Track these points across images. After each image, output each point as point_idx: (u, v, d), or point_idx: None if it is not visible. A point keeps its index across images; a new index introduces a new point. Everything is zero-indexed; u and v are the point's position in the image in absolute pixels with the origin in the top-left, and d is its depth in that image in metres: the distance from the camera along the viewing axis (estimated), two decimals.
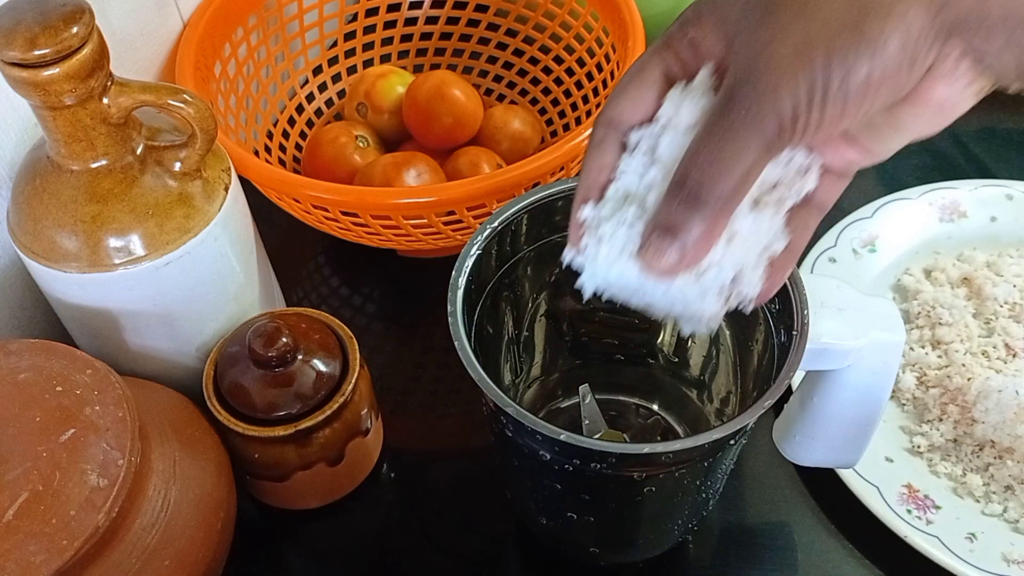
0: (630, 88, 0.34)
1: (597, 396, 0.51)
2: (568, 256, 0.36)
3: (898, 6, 0.28)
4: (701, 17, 0.33)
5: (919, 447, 0.54)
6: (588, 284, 0.35)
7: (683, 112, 0.33)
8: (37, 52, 0.39)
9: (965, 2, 0.28)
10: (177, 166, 0.46)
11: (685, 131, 0.33)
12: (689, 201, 0.31)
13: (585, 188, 0.35)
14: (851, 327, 0.41)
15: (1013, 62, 0.29)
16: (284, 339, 0.47)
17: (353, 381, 0.48)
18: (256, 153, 0.65)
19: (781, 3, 0.30)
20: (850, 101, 0.29)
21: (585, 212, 0.35)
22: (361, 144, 0.65)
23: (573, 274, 0.36)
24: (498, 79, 0.74)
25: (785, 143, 0.30)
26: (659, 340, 0.52)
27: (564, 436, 0.36)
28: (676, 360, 0.52)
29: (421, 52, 0.76)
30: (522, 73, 0.73)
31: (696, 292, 0.34)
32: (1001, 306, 0.59)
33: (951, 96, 0.30)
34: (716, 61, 0.33)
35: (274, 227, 0.61)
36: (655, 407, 0.54)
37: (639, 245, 0.33)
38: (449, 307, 0.40)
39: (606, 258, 0.34)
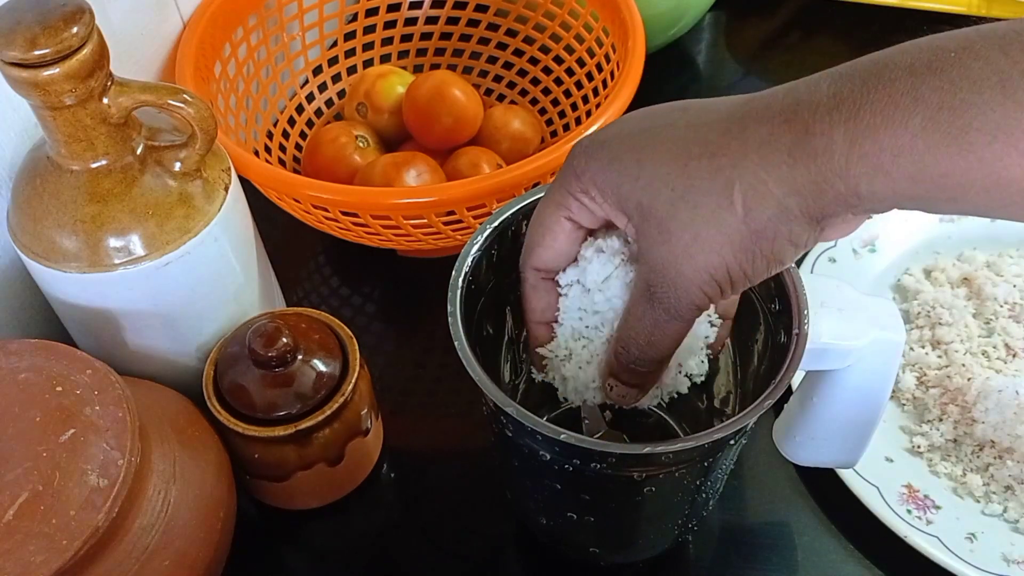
0: (546, 241, 0.39)
1: None
2: (539, 377, 0.43)
3: (780, 230, 0.33)
4: (596, 183, 0.36)
5: (919, 447, 0.54)
6: (567, 397, 0.43)
7: (611, 287, 0.39)
8: (37, 52, 0.39)
9: (840, 208, 0.32)
10: (177, 166, 0.46)
11: (613, 296, 0.39)
12: (636, 365, 0.38)
13: (536, 331, 0.42)
14: (851, 327, 0.41)
15: (887, 210, 0.33)
16: (284, 339, 0.47)
17: (353, 381, 0.48)
18: (256, 153, 0.65)
19: (675, 226, 0.34)
20: (755, 280, 0.35)
21: (543, 352, 0.42)
22: (361, 144, 0.65)
23: None
24: (498, 79, 0.74)
25: (704, 311, 0.37)
26: None
27: (564, 436, 0.36)
28: None
29: (421, 52, 0.76)
30: (522, 73, 0.73)
31: (657, 397, 0.42)
32: (1001, 306, 0.59)
33: (843, 232, 0.36)
34: (624, 233, 0.38)
35: (274, 227, 0.61)
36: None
37: (601, 386, 0.41)
38: (449, 307, 0.40)
39: (575, 390, 0.42)
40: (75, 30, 0.39)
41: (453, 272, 0.42)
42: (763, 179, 0.32)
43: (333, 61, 0.73)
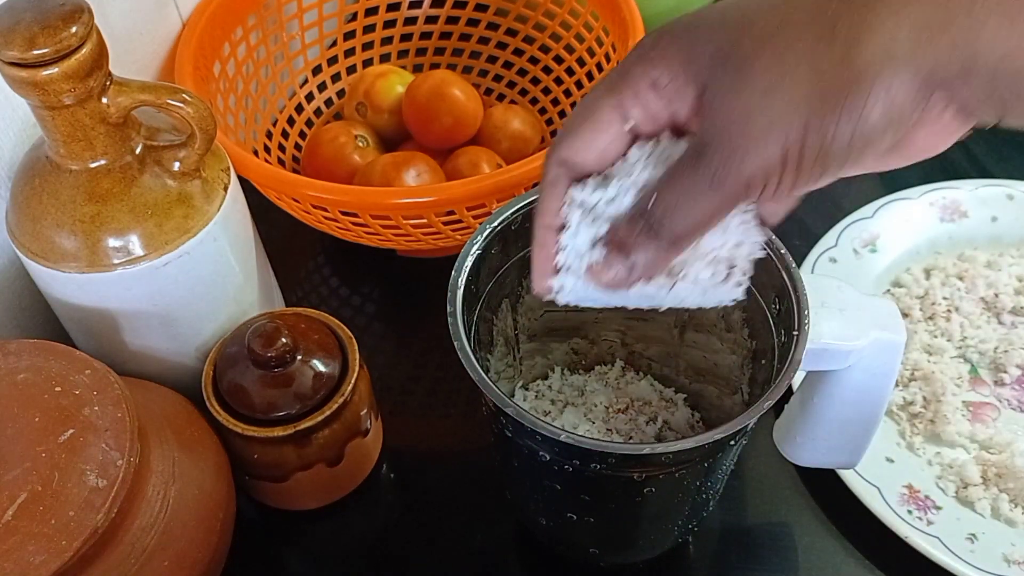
0: (585, 133, 0.33)
1: None
2: (545, 296, 0.36)
3: (881, 77, 0.28)
4: (666, 56, 0.32)
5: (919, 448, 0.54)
6: (562, 300, 0.36)
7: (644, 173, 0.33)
8: (36, 52, 0.39)
9: (952, 66, 0.28)
10: (176, 166, 0.46)
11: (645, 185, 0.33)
12: (647, 230, 0.32)
13: (542, 236, 0.35)
14: (852, 328, 0.41)
15: (995, 110, 0.29)
16: (283, 339, 0.46)
17: (352, 381, 0.48)
18: (255, 153, 0.64)
19: (757, 68, 0.29)
20: (827, 168, 0.29)
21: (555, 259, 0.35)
22: (361, 144, 0.65)
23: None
24: (498, 79, 0.74)
25: (751, 199, 0.31)
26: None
27: (564, 436, 0.36)
28: None
29: (421, 52, 0.75)
30: (522, 73, 0.73)
31: (651, 300, 0.35)
32: None
33: (933, 141, 0.31)
34: (685, 112, 0.32)
35: (274, 227, 0.61)
36: None
37: (589, 258, 0.34)
38: (449, 307, 0.40)
39: (572, 288, 0.35)
40: (74, 30, 0.39)
41: (453, 272, 0.42)
42: (873, 7, 0.28)
43: (332, 61, 0.73)
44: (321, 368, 0.48)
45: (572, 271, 0.35)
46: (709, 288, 0.35)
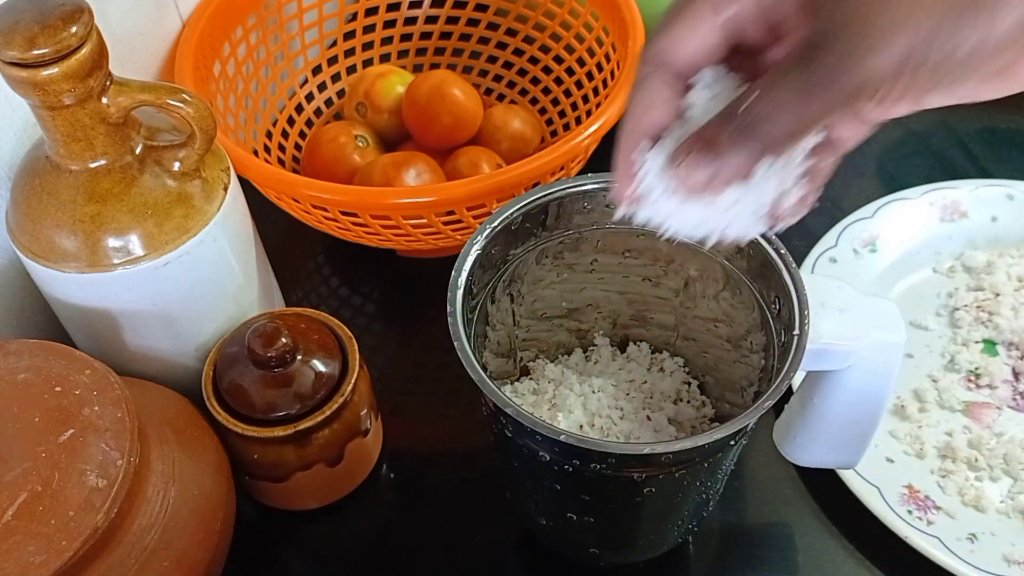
0: (675, 25, 0.31)
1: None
2: (621, 211, 0.34)
3: None
4: None
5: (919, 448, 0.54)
6: (639, 213, 0.33)
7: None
8: (36, 52, 0.39)
9: None
10: (176, 166, 0.46)
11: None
12: (741, 130, 0.29)
13: (629, 137, 0.32)
14: (852, 328, 0.41)
15: None
16: (283, 339, 0.46)
17: (352, 381, 0.48)
18: (255, 153, 0.64)
19: None
20: (938, 82, 0.27)
21: (636, 157, 0.33)
22: (361, 144, 0.65)
23: None
24: (498, 79, 0.74)
25: (857, 108, 0.28)
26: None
27: (564, 436, 0.36)
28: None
29: (421, 52, 0.75)
30: (522, 73, 0.73)
31: (714, 231, 0.33)
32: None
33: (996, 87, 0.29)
34: (786, 6, 0.30)
35: (274, 227, 0.61)
36: None
37: (674, 156, 0.31)
38: (449, 307, 0.40)
39: (648, 199, 0.33)
40: (74, 30, 0.39)
41: (453, 272, 0.42)
42: None
43: (332, 61, 0.73)
44: (321, 368, 0.48)
45: (650, 183, 0.32)
46: (753, 223, 0.33)
